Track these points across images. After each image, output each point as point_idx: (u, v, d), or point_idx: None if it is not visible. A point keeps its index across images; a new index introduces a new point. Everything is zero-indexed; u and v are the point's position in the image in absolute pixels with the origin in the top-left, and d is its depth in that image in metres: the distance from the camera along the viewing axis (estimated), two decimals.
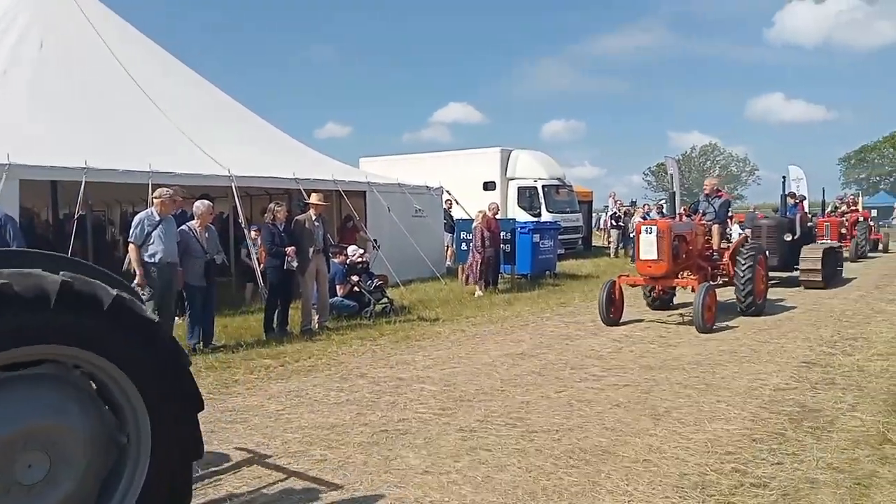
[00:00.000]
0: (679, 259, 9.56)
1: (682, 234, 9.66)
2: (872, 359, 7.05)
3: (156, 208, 7.50)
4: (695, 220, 10.73)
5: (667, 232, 9.13)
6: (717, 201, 10.88)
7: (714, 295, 8.93)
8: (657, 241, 9.05)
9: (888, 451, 4.39)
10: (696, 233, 10.12)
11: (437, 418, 5.27)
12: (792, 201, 17.81)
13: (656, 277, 9.46)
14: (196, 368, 6.96)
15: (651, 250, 9.10)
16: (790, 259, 13.66)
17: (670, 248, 9.14)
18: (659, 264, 9.14)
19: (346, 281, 10.13)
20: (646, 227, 9.40)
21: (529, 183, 20.82)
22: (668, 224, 9.45)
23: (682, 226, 10.05)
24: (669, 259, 9.14)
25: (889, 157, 72.06)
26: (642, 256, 9.27)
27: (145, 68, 13.00)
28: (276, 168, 12.12)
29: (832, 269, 13.92)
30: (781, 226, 14.03)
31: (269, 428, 5.09)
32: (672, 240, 9.22)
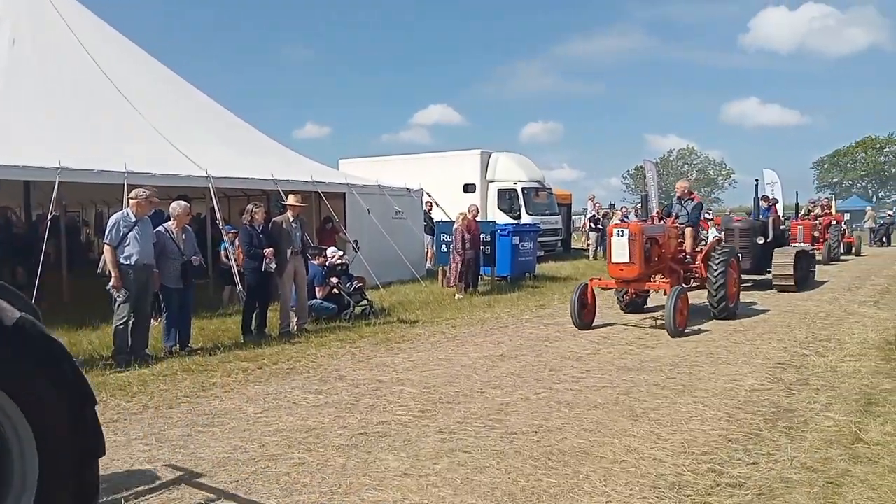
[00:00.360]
0: (651, 262, 9.49)
1: (654, 237, 9.59)
2: (845, 360, 7.17)
3: (132, 209, 7.39)
4: (668, 222, 10.69)
5: (638, 235, 9.06)
6: (690, 204, 10.79)
7: (686, 298, 8.89)
8: (629, 244, 8.99)
9: (860, 451, 4.47)
10: (668, 235, 10.04)
11: (417, 420, 5.26)
12: (765, 204, 17.79)
13: (628, 281, 9.40)
14: (172, 371, 6.91)
15: (623, 253, 9.04)
16: (763, 262, 13.69)
17: (642, 251, 9.08)
18: (631, 267, 9.07)
19: (325, 283, 10.07)
20: (617, 229, 9.29)
21: (509, 185, 20.90)
22: (640, 227, 9.39)
23: (654, 228, 9.96)
24: (641, 262, 9.06)
25: (861, 162, 73.39)
26: (614, 259, 9.20)
27: (121, 67, 12.81)
28: (255, 169, 12.01)
29: (804, 271, 13.99)
30: (754, 229, 13.99)
31: (246, 431, 5.04)
32: (644, 243, 9.16)
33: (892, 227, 29.89)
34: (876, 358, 7.21)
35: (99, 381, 6.51)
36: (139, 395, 6.10)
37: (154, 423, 5.30)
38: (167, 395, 6.10)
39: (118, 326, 7.23)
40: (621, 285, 9.68)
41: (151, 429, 5.14)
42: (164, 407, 5.73)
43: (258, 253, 8.59)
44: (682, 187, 11.15)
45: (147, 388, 6.33)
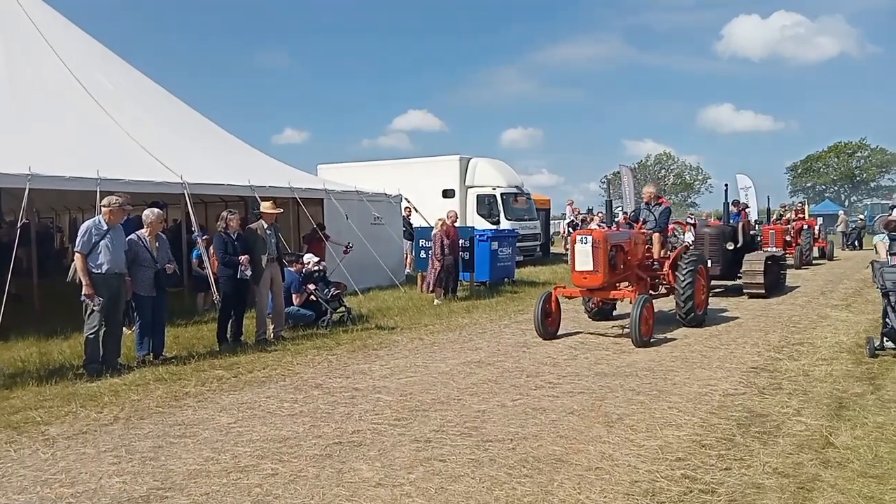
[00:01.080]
0: (617, 270, 9.27)
1: (619, 244, 9.35)
2: (817, 363, 7.28)
3: (104, 217, 7.28)
4: (636, 228, 10.49)
5: (602, 242, 8.81)
6: (658, 209, 10.53)
7: (651, 307, 8.74)
8: (592, 251, 8.74)
9: (830, 455, 4.52)
10: (634, 242, 9.79)
11: (392, 429, 5.23)
12: (735, 209, 17.66)
13: (592, 289, 9.13)
14: (145, 381, 6.81)
15: (586, 261, 8.78)
16: (733, 267, 13.58)
17: (606, 258, 8.84)
18: (595, 276, 8.80)
19: (301, 290, 10.00)
20: (581, 237, 8.97)
21: (488, 191, 20.94)
22: (604, 234, 9.11)
23: (620, 235, 9.69)
24: (605, 270, 8.82)
25: (833, 167, 74.79)
26: (578, 267, 8.91)
27: (93, 71, 12.66)
28: (231, 175, 11.91)
29: (775, 277, 13.95)
30: (724, 234, 13.85)
31: (219, 442, 4.97)
32: (608, 250, 8.93)
33: (863, 231, 30.45)
34: (847, 361, 7.33)
35: (69, 391, 6.40)
36: (110, 405, 6.00)
37: (125, 434, 5.21)
38: (139, 405, 6.01)
39: (89, 335, 7.10)
40: (585, 294, 9.41)
41: (122, 440, 5.05)
42: (135, 418, 5.64)
43: (233, 260, 8.50)
44: (649, 192, 10.86)
45: (118, 398, 6.22)
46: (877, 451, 4.56)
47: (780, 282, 14.45)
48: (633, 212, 11.85)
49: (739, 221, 15.20)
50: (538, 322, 8.89)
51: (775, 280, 13.98)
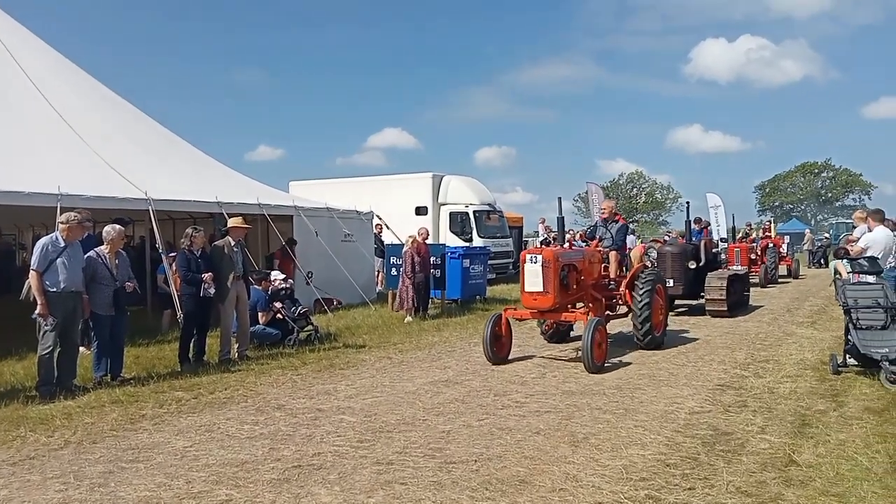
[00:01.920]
0: (569, 290, 8.81)
1: (571, 263, 8.91)
2: (782, 380, 7.32)
3: (61, 233, 7.07)
4: (592, 246, 10.17)
5: (553, 261, 8.35)
6: (615, 226, 10.16)
7: (604, 330, 8.33)
8: (542, 271, 8.29)
9: (793, 473, 4.52)
10: (589, 261, 9.39)
11: (354, 451, 5.11)
12: (697, 227, 17.35)
13: (543, 311, 8.64)
14: (100, 403, 6.60)
15: (536, 281, 8.33)
16: (696, 286, 13.22)
17: (557, 279, 8.40)
18: (545, 297, 8.34)
19: (268, 308, 9.83)
20: (530, 256, 8.56)
21: (461, 208, 20.98)
22: (554, 253, 8.61)
23: (572, 254, 9.29)
24: (556, 291, 8.37)
25: (800, 186, 76.46)
26: (527, 288, 8.44)
27: (56, 83, 12.42)
28: (198, 191, 11.74)
29: (738, 296, 13.72)
30: (685, 252, 13.47)
31: (173, 467, 4.80)
32: (559, 269, 8.50)
33: (829, 250, 31.05)
34: (811, 378, 7.39)
35: (19, 414, 6.17)
36: (61, 429, 5.78)
37: (75, 459, 5.01)
38: (92, 428, 5.80)
39: (43, 356, 6.87)
40: (536, 316, 8.88)
41: (71, 466, 4.85)
42: (87, 442, 5.43)
43: (196, 278, 8.33)
44: (609, 207, 10.53)
45: (71, 421, 6.01)
46: (838, 468, 4.56)
47: (743, 301, 14.26)
48: (589, 228, 11.46)
49: (701, 239, 14.90)
50: (487, 346, 8.45)
51: (739, 299, 13.79)
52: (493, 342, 8.49)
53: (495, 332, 8.55)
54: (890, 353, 6.88)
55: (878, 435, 5.27)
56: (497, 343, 8.57)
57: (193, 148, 15.09)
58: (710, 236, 17.17)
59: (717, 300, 12.57)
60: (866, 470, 4.52)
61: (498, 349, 8.57)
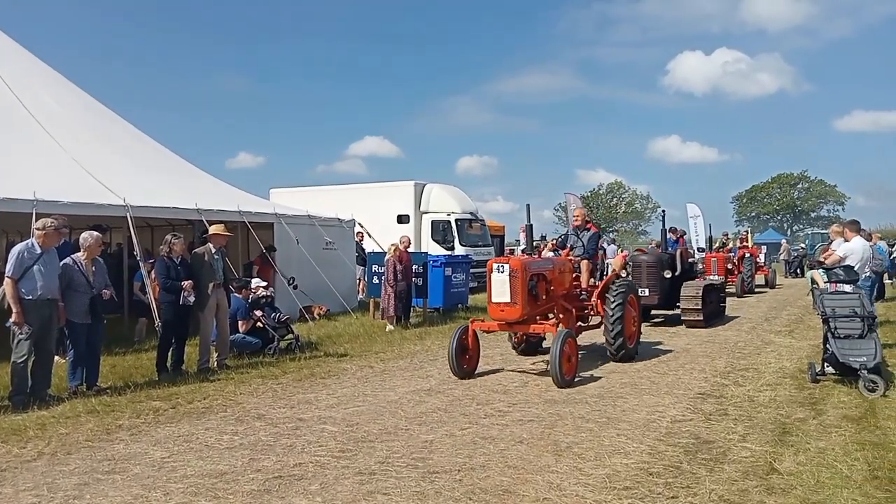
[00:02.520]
0: (539, 301, 8.45)
1: (541, 273, 8.53)
2: (762, 389, 7.38)
3: (37, 240, 6.94)
4: (563, 255, 9.76)
5: (521, 271, 7.98)
6: (586, 234, 9.76)
7: (574, 343, 7.94)
8: (510, 281, 7.91)
9: (774, 482, 4.54)
10: (559, 270, 8.99)
11: (336, 461, 5.04)
12: (673, 236, 17.00)
13: (511, 323, 8.23)
14: (75, 413, 6.47)
15: (503, 292, 7.93)
16: (671, 296, 13.02)
17: (525, 288, 8.03)
18: (512, 308, 7.96)
19: (248, 316, 9.72)
20: (497, 265, 8.11)
21: (443, 217, 21.00)
22: (522, 262, 8.27)
23: (541, 263, 8.91)
24: (524, 301, 7.99)
25: (776, 197, 77.66)
26: (494, 299, 8.04)
27: (32, 87, 12.25)
28: (177, 198, 11.61)
29: (714, 306, 13.56)
30: (661, 262, 13.22)
31: (150, 478, 4.70)
32: (528, 279, 8.13)
33: (805, 260, 31.50)
34: (790, 387, 7.45)
35: None
36: (35, 439, 5.65)
37: (48, 471, 4.89)
38: (67, 439, 5.67)
39: (16, 364, 6.71)
40: (504, 328, 8.45)
41: (44, 478, 4.73)
42: (61, 453, 5.31)
43: (175, 285, 8.21)
44: (581, 215, 10.15)
45: (45, 431, 5.87)
46: (819, 476, 4.59)
47: (719, 311, 14.10)
48: (560, 237, 11.07)
49: (677, 249, 14.62)
50: (453, 359, 8.02)
51: (715, 309, 13.66)
52: (460, 355, 8.12)
53: (462, 344, 8.18)
54: (868, 361, 6.97)
55: (856, 443, 5.33)
56: (464, 356, 8.20)
57: (173, 154, 14.94)
58: (686, 245, 16.93)
59: (693, 310, 12.43)
60: (846, 477, 4.56)
61: (465, 362, 8.20)
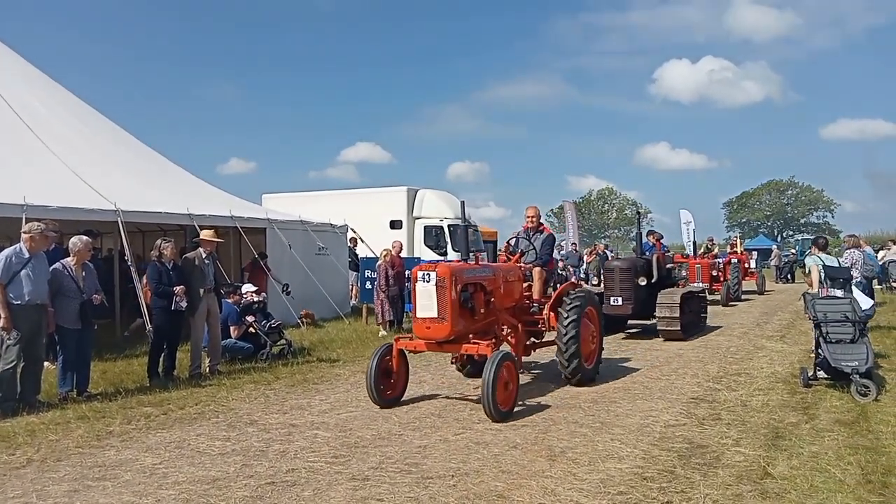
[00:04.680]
0: (475, 315, 7.15)
1: (478, 282, 7.21)
2: (754, 393, 7.40)
3: (25, 245, 6.88)
4: (513, 261, 8.45)
5: (450, 280, 6.68)
6: (539, 238, 8.57)
7: (512, 367, 6.64)
8: (436, 292, 6.65)
9: (768, 486, 4.54)
10: (504, 279, 7.70)
11: (329, 467, 5.01)
12: (651, 240, 16.05)
13: (439, 342, 6.88)
14: (65, 419, 6.41)
15: (429, 305, 6.68)
16: (647, 305, 11.92)
17: (456, 301, 6.75)
18: (440, 324, 6.67)
19: (240, 322, 9.67)
20: (422, 273, 6.81)
21: (435, 222, 20.98)
22: (452, 269, 6.87)
23: (478, 271, 7.36)
24: (454, 316, 6.69)
25: (766, 203, 78.24)
26: (419, 313, 6.79)
27: (22, 91, 12.18)
28: (169, 203, 11.55)
29: (695, 316, 12.64)
30: (635, 268, 12.15)
31: (141, 485, 4.66)
32: (459, 290, 6.85)
33: (795, 265, 31.70)
34: (783, 391, 7.48)
35: None
36: (24, 446, 5.58)
37: (38, 478, 4.83)
38: (56, 445, 5.61)
39: (5, 370, 6.63)
40: (433, 348, 7.08)
41: (34, 485, 4.67)
42: (51, 459, 5.25)
43: (167, 291, 8.16)
44: (534, 215, 8.78)
45: (34, 438, 5.81)
46: (812, 480, 4.60)
47: (700, 320, 13.09)
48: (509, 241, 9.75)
49: (654, 254, 13.35)
50: (371, 384, 6.79)
51: (695, 319, 12.68)
52: (380, 379, 6.88)
53: (384, 366, 6.96)
54: (860, 366, 7.00)
55: (849, 447, 5.34)
56: (386, 381, 7.00)
57: (165, 159, 14.88)
58: (663, 250, 15.51)
59: (670, 320, 11.40)
60: (839, 481, 4.57)
61: (387, 388, 7.00)
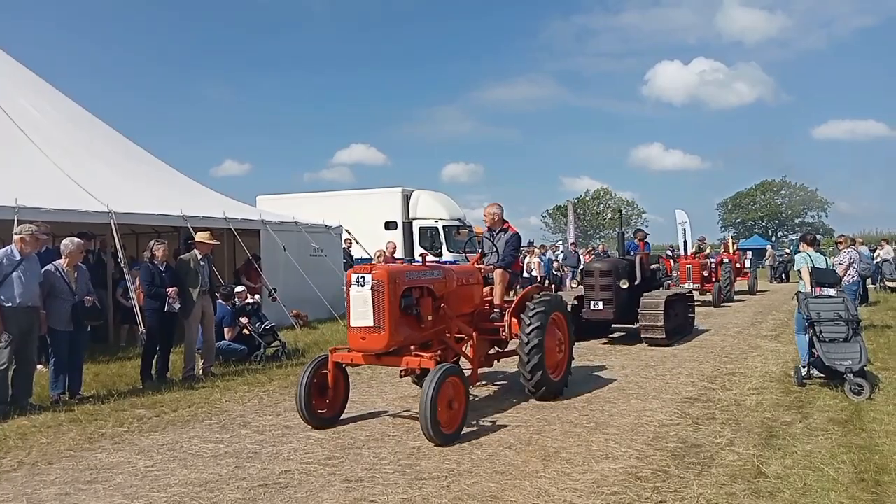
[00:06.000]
0: (422, 323, 6.33)
1: (424, 286, 6.41)
2: (748, 393, 7.41)
3: (16, 246, 6.84)
4: (472, 262, 7.89)
5: (388, 283, 5.88)
6: (503, 237, 7.68)
7: (459, 383, 5.79)
8: (372, 297, 5.84)
9: (762, 485, 4.54)
10: (458, 282, 6.92)
11: (323, 468, 4.99)
12: (636, 240, 15.45)
13: (377, 354, 6.08)
14: (57, 422, 6.37)
15: (364, 312, 5.87)
16: (630, 309, 11.21)
17: (395, 307, 5.94)
18: (376, 334, 5.85)
19: (234, 323, 9.64)
20: (357, 275, 5.97)
21: (430, 223, 20.97)
22: (391, 271, 6.08)
23: (424, 273, 6.52)
24: (393, 325, 5.88)
25: (760, 203, 78.47)
26: (352, 322, 5.98)
27: (14, 93, 12.12)
28: (163, 204, 11.50)
29: (681, 320, 11.98)
30: (617, 270, 11.43)
31: (133, 487, 4.63)
32: (399, 295, 6.03)
33: (789, 265, 31.77)
34: (777, 391, 7.48)
35: None
36: (15, 449, 5.55)
37: (28, 481, 4.80)
38: (48, 448, 5.58)
39: None
40: (370, 361, 6.23)
41: (24, 489, 4.64)
42: (42, 462, 5.22)
43: (160, 292, 8.13)
44: (492, 214, 7.82)
45: (26, 441, 5.77)
46: (806, 479, 4.60)
47: (687, 324, 12.41)
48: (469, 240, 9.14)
49: (637, 254, 12.68)
50: (299, 402, 5.98)
51: (682, 322, 12.03)
52: (311, 395, 6.05)
53: (318, 381, 6.17)
54: (853, 365, 7.01)
55: (843, 446, 5.35)
56: (321, 398, 6.21)
57: (158, 160, 14.83)
58: (647, 250, 14.77)
59: (654, 325, 10.77)
60: (833, 480, 4.57)
61: (320, 405, 6.19)
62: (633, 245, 14.76)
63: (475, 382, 7.08)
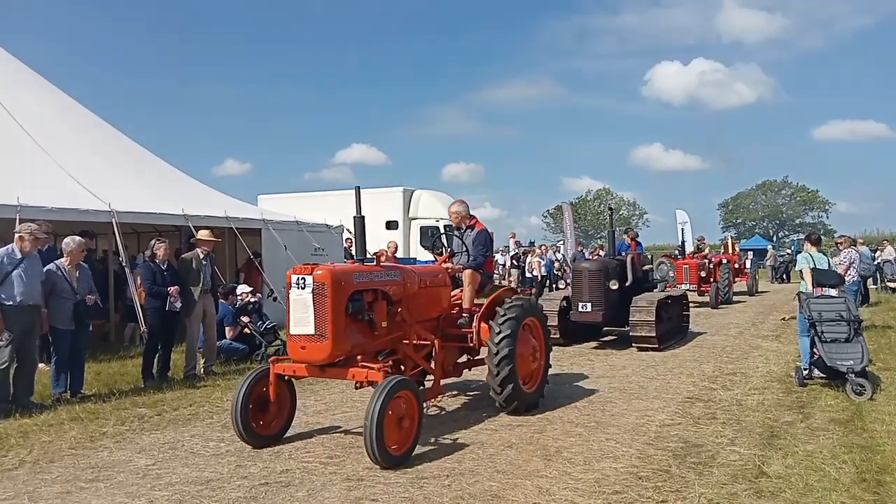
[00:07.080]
0: (375, 330, 5.71)
1: (378, 288, 5.78)
2: (749, 393, 7.40)
3: (17, 245, 6.85)
4: (439, 262, 7.41)
5: (332, 286, 5.23)
6: (471, 235, 7.01)
7: (411, 397, 5.19)
8: (314, 302, 5.21)
9: (763, 485, 4.54)
10: (420, 283, 6.32)
11: (324, 467, 5.00)
12: (627, 239, 14.88)
13: (321, 365, 5.45)
14: (59, 420, 6.38)
15: (304, 318, 5.24)
16: (620, 311, 10.70)
17: (339, 313, 5.30)
18: (318, 343, 5.23)
19: (235, 322, 9.65)
20: (297, 276, 5.30)
21: (431, 223, 20.98)
22: (336, 272, 5.38)
23: (376, 274, 5.81)
24: (338, 333, 5.25)
25: (761, 203, 78.41)
26: (292, 329, 5.33)
27: (16, 92, 12.13)
28: (164, 203, 11.51)
29: (674, 322, 11.54)
30: (607, 270, 10.92)
31: (134, 486, 4.63)
32: (345, 298, 5.38)
33: (790, 266, 31.75)
34: (778, 391, 7.48)
35: None
36: (17, 448, 5.56)
37: (30, 479, 4.80)
38: (49, 447, 5.58)
39: None
40: (314, 373, 5.56)
41: (26, 486, 4.65)
42: (44, 461, 5.22)
43: (161, 291, 8.14)
44: (456, 213, 7.28)
45: (27, 439, 5.78)
46: (807, 479, 4.60)
47: (681, 328, 11.93)
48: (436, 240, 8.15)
49: (629, 254, 12.17)
50: (235, 419, 5.35)
51: (675, 326, 11.57)
52: (248, 411, 5.42)
53: (258, 394, 5.56)
54: (855, 365, 7.01)
55: (844, 446, 5.35)
56: (261, 414, 5.61)
57: (160, 159, 14.83)
58: (639, 250, 14.34)
59: (645, 329, 10.29)
60: (834, 480, 4.57)
61: (261, 421, 5.59)
62: (625, 245, 14.39)
63: (437, 395, 6.48)
